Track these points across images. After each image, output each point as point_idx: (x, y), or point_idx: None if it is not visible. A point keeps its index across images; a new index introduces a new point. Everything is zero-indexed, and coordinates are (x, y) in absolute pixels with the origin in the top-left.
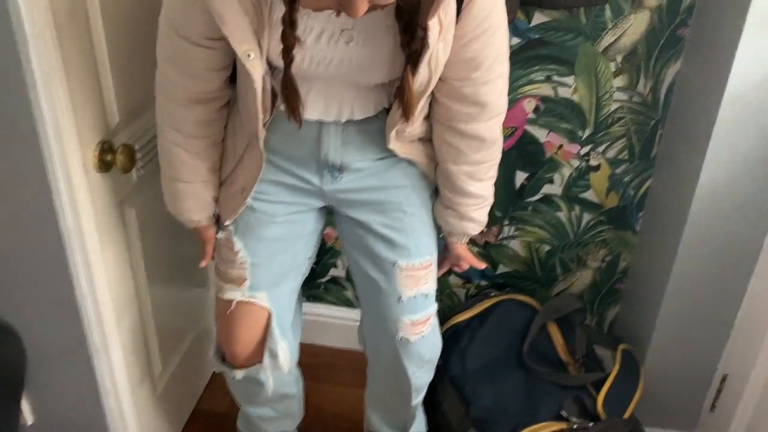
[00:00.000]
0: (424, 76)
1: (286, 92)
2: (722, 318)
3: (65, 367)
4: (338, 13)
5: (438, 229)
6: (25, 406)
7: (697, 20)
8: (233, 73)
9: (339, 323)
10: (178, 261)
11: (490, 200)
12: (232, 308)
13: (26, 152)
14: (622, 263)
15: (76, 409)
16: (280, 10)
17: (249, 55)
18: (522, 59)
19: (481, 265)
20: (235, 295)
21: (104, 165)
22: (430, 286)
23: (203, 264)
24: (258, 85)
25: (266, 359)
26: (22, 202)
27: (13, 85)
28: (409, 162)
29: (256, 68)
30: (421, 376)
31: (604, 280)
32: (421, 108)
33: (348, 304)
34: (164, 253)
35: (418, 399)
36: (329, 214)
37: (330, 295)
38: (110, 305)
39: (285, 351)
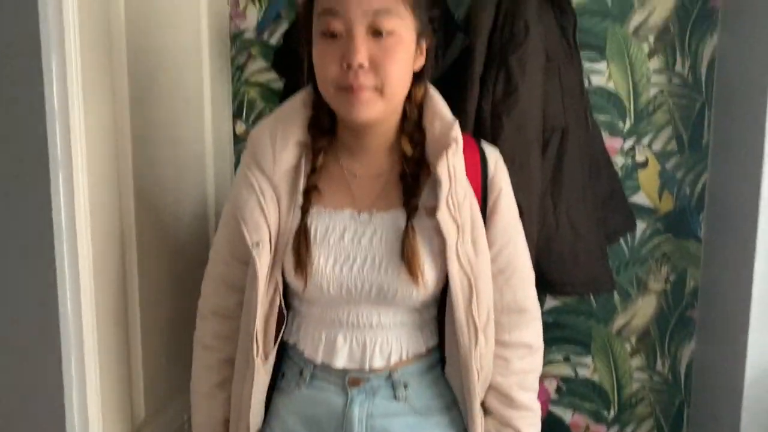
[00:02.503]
0: (461, 278)
1: (297, 243)
2: None
3: None
4: (359, 212)
5: None
6: None
7: None
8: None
9: None
10: None
11: (539, 414)
12: None
13: None
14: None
15: None
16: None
17: (257, 244)
18: None
19: None
20: None
21: None
22: None
23: None
24: (261, 280)
25: None
26: None
27: (52, 382)
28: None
29: (261, 257)
30: None
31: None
32: (483, 326)
33: None
34: None
35: None
36: None
37: None
38: None
39: None
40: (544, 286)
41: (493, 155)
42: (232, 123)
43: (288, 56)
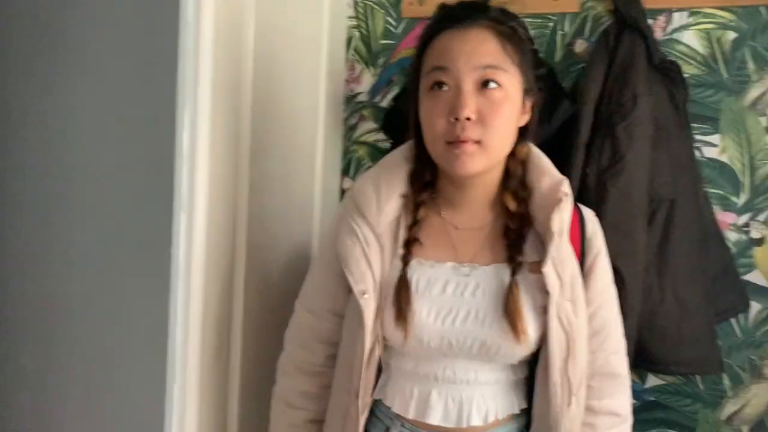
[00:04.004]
0: (559, 337)
1: (398, 294)
2: None
3: None
4: (461, 264)
5: None
6: None
7: None
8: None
9: None
10: None
11: None
12: None
13: None
14: None
15: None
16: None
17: (364, 293)
18: (638, 421)
19: None
20: None
21: None
22: None
23: None
24: (368, 329)
25: None
26: None
27: (156, 414)
28: None
29: (368, 306)
30: None
31: None
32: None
33: None
34: None
35: None
36: None
37: None
38: None
39: None
40: (647, 362)
41: (591, 216)
42: (340, 179)
43: (396, 118)
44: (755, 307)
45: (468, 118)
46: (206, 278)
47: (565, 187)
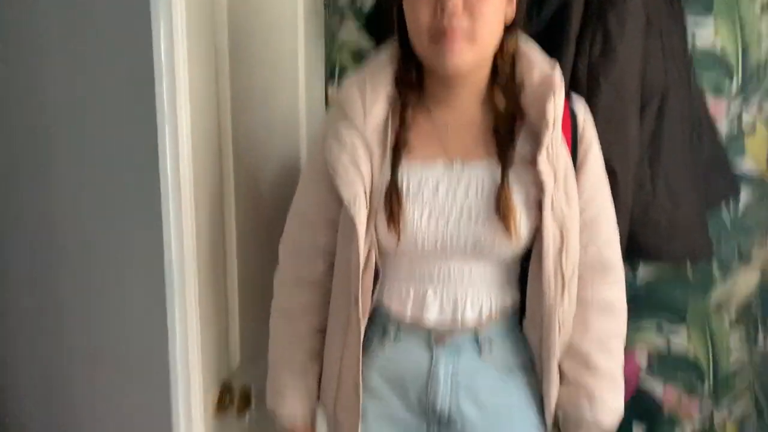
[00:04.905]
0: (553, 229)
1: (389, 199)
2: None
3: None
4: (452, 162)
5: None
6: None
7: None
8: None
9: None
10: None
11: (622, 384)
12: None
13: (155, 389)
14: None
15: None
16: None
17: (355, 200)
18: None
19: None
20: None
21: (222, 407)
22: None
23: None
24: (361, 236)
25: None
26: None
27: (157, 330)
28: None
29: (360, 213)
30: None
31: None
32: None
33: None
34: None
35: None
36: None
37: None
38: None
39: None
40: (639, 253)
41: (582, 106)
42: (325, 87)
43: (380, 16)
44: (745, 194)
45: (455, 6)
46: (196, 197)
47: (557, 76)
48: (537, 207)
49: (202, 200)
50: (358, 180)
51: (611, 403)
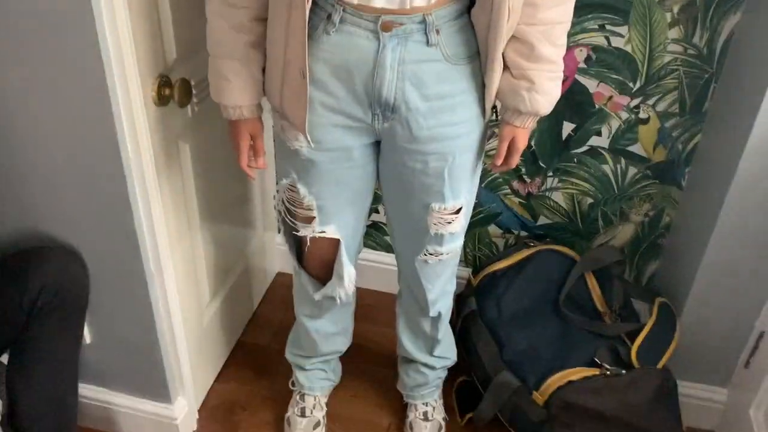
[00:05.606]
0: None
1: None
2: (763, 276)
3: (123, 290)
4: None
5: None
6: (85, 326)
7: None
8: None
9: (379, 267)
10: (228, 199)
11: (561, 72)
12: (307, 244)
13: (92, 84)
14: (666, 218)
15: (132, 331)
16: None
17: None
18: (575, 6)
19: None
20: (306, 232)
21: (163, 98)
22: (460, 225)
23: (252, 173)
24: None
25: (334, 280)
26: (87, 133)
27: (80, 21)
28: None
29: None
30: (434, 290)
31: (646, 234)
32: None
33: (388, 249)
34: (215, 189)
35: (435, 311)
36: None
37: (371, 239)
38: (165, 235)
39: (351, 276)
40: None
41: None
42: None
43: None
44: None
45: None
46: None
47: None
48: None
49: None
50: None
51: (550, 91)
